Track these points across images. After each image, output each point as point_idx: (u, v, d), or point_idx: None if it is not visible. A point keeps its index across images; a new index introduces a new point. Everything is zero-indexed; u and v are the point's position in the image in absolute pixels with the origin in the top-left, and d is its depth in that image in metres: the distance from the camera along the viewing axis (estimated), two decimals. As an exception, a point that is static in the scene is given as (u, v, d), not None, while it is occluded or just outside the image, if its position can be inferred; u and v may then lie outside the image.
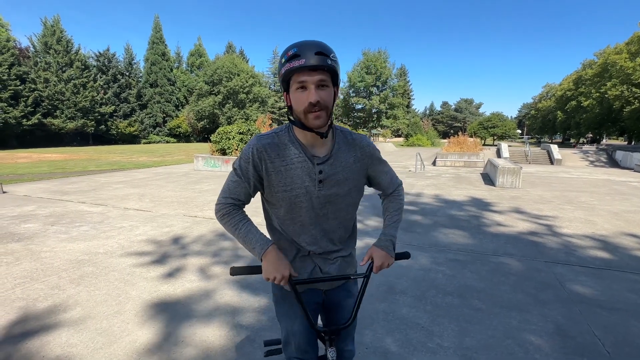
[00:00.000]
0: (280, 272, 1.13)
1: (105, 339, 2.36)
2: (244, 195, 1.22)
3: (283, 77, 1.06)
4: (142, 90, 50.66)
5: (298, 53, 1.02)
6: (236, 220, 1.20)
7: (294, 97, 1.07)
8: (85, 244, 4.32)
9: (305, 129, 1.10)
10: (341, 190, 1.22)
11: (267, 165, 1.15)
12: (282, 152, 1.16)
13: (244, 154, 1.17)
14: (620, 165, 19.86)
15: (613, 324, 2.62)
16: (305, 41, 1.05)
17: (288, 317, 1.30)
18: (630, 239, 4.72)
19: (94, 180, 10.16)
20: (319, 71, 1.03)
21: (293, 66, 1.02)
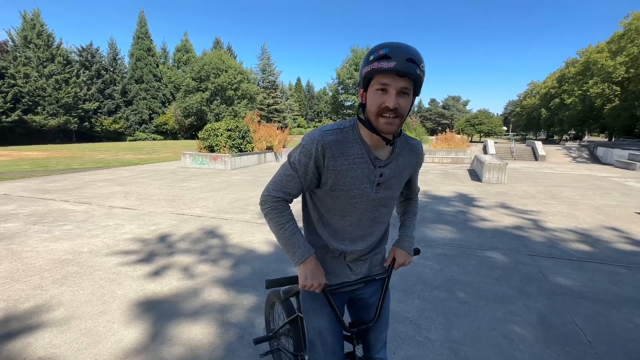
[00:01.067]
0: (318, 281, 1.15)
1: (90, 339, 2.32)
2: (296, 190, 1.17)
3: (366, 74, 1.02)
4: (127, 86, 49.59)
5: (389, 55, 0.97)
6: (284, 219, 1.17)
7: (371, 96, 1.04)
8: (68, 243, 4.22)
9: (373, 131, 1.07)
10: (393, 193, 1.23)
11: (329, 163, 1.10)
12: (346, 151, 1.11)
13: (306, 148, 1.10)
14: (601, 161, 20.42)
15: (594, 314, 2.70)
16: (399, 44, 1.00)
17: (315, 314, 1.28)
18: (611, 232, 4.87)
19: (78, 179, 9.91)
20: (405, 78, 0.99)
21: (381, 67, 0.98)
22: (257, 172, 11.71)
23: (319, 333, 1.26)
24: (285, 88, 73.42)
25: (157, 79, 51.58)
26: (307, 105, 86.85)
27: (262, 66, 65.87)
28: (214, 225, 5.07)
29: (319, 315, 1.26)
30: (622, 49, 32.35)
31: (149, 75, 50.01)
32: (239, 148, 13.54)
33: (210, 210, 6.02)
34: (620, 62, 32.23)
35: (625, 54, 31.58)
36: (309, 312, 1.29)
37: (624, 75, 32.36)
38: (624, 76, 32.46)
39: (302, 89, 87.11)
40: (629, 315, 2.69)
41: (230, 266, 3.56)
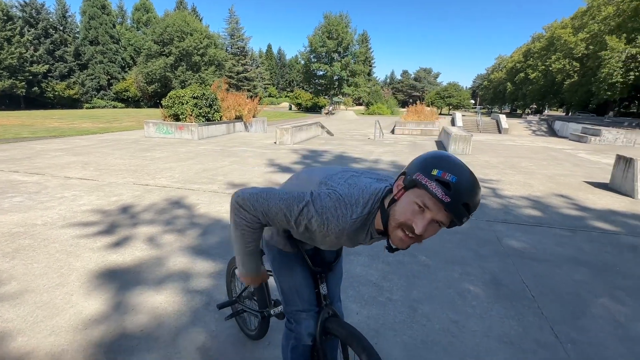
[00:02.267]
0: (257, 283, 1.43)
1: (47, 312, 2.23)
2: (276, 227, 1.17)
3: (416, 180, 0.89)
4: (80, 48, 45.45)
5: (451, 186, 0.85)
6: (253, 238, 1.17)
7: (405, 203, 0.92)
8: (19, 216, 3.96)
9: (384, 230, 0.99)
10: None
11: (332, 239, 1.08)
12: (352, 234, 1.05)
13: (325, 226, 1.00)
14: (558, 134, 21.66)
15: (540, 273, 2.94)
16: (468, 180, 0.87)
17: (288, 270, 1.36)
18: (560, 199, 5.25)
19: (28, 148, 9.18)
20: (449, 215, 0.89)
21: (434, 193, 0.86)
22: (225, 141, 11.37)
23: (294, 287, 1.36)
24: (255, 55, 70.43)
25: (114, 41, 47.61)
26: (278, 74, 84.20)
27: (230, 30, 62.36)
28: (180, 195, 4.93)
29: (291, 270, 1.36)
30: (584, 26, 33.55)
31: (104, 36, 45.98)
32: (206, 117, 13.01)
33: (176, 180, 5.83)
34: (581, 38, 33.49)
35: (586, 30, 32.80)
36: (282, 269, 1.37)
37: (584, 51, 33.79)
38: (584, 52, 33.91)
39: (273, 57, 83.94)
40: (569, 272, 2.96)
41: (197, 236, 3.51)
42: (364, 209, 1.01)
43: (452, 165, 0.88)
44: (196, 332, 2.08)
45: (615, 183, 6.06)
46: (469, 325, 2.21)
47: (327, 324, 1.30)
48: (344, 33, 48.30)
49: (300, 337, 1.35)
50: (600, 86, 30.18)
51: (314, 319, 1.36)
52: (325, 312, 1.33)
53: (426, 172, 0.88)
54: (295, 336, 1.36)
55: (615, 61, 28.33)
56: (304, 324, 1.35)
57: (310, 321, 1.35)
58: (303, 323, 1.35)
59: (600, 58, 29.66)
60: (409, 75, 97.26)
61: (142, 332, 2.06)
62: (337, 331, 1.25)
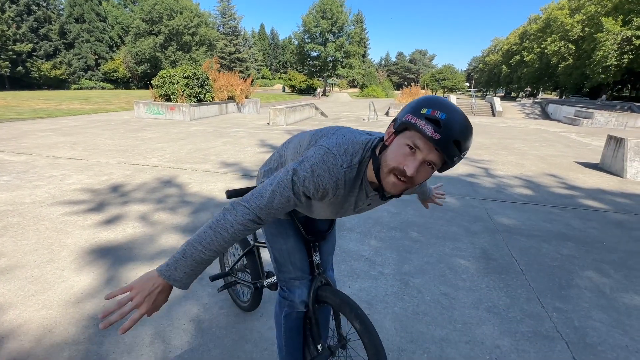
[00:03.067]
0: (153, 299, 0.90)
1: (38, 286, 2.22)
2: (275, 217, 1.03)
3: (406, 122, 0.87)
4: (65, 26, 43.81)
5: (441, 124, 0.82)
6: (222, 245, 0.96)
7: (396, 147, 0.90)
8: (7, 194, 3.89)
9: (377, 178, 0.96)
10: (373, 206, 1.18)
11: (330, 197, 1.01)
12: (351, 185, 1.01)
13: (322, 184, 0.95)
14: (551, 117, 21.75)
15: (528, 248, 3.00)
16: (458, 116, 0.84)
17: (281, 237, 1.34)
18: (550, 179, 5.31)
19: (15, 128, 8.95)
20: (441, 154, 0.86)
21: (424, 131, 0.83)
22: (218, 122, 11.21)
23: (287, 253, 1.34)
24: (247, 35, 68.65)
25: (101, 19, 45.97)
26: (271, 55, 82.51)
27: (222, 9, 60.51)
28: (172, 174, 4.87)
29: (285, 237, 1.34)
30: (581, 7, 33.17)
31: (90, 14, 44.33)
32: (197, 97, 12.75)
33: (167, 160, 5.75)
34: (577, 20, 33.19)
35: (583, 12, 32.47)
36: (275, 236, 1.35)
37: (580, 33, 33.54)
38: (580, 35, 33.66)
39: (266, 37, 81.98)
40: (557, 247, 3.02)
41: (189, 214, 3.49)
42: (353, 157, 0.98)
43: (442, 104, 0.85)
44: (189, 304, 2.10)
45: (605, 163, 6.14)
46: (458, 297, 2.26)
47: (319, 292, 1.31)
48: (338, 12, 47.18)
49: (294, 304, 1.36)
50: (594, 69, 30.13)
51: (307, 286, 1.36)
52: (317, 281, 1.33)
53: (416, 112, 0.86)
54: (289, 304, 1.37)
55: (611, 44, 28.20)
56: (297, 292, 1.35)
57: (303, 289, 1.36)
58: (296, 291, 1.35)
59: (595, 40, 29.49)
60: (404, 57, 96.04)
61: (135, 305, 2.06)
62: (330, 299, 1.25)
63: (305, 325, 1.40)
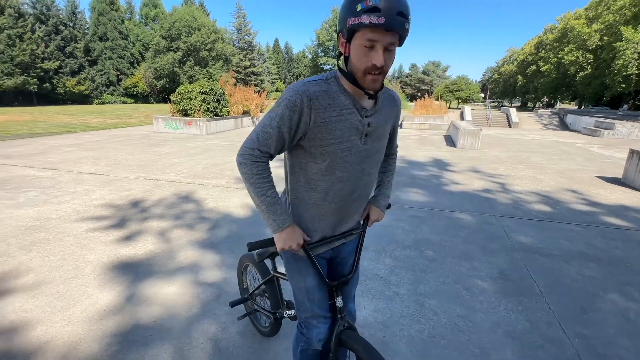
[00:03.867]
0: (295, 242, 1.13)
1: (63, 302, 2.31)
2: (276, 149, 1.10)
3: (352, 26, 0.93)
4: (90, 44, 45.88)
5: (379, 7, 0.89)
6: (266, 185, 1.10)
7: (356, 51, 0.97)
8: (35, 210, 4.06)
9: (358, 86, 1.03)
10: (379, 144, 1.20)
11: (317, 116, 1.04)
12: (333, 102, 1.06)
13: (290, 102, 1.02)
14: (570, 128, 21.24)
15: (548, 268, 2.93)
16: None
17: (300, 274, 1.30)
18: (570, 194, 5.18)
19: (42, 143, 9.37)
20: (393, 33, 0.93)
21: (371, 22, 0.89)
22: (233, 137, 11.44)
23: (306, 292, 1.30)
24: (262, 50, 70.18)
25: (123, 37, 47.94)
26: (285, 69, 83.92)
27: (238, 25, 62.22)
28: (189, 190, 5.00)
29: (304, 275, 1.29)
30: (599, 16, 32.68)
31: (113, 32, 46.34)
32: (214, 112, 13.08)
33: (185, 175, 5.90)
34: (595, 29, 32.66)
35: (601, 21, 31.97)
36: (294, 274, 1.31)
37: (598, 42, 32.96)
38: (598, 44, 33.07)
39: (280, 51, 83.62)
40: (578, 267, 2.94)
41: (206, 230, 3.57)
42: (316, 78, 1.08)
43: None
44: (207, 323, 2.14)
45: (628, 177, 5.95)
46: (476, 320, 2.23)
47: (342, 336, 1.27)
48: (351, 26, 47.86)
49: (311, 342, 1.34)
50: (614, 78, 29.42)
51: (326, 325, 1.33)
52: (340, 325, 1.29)
53: (352, 12, 0.92)
54: (306, 340, 1.35)
55: (631, 52, 27.55)
56: (315, 331, 1.32)
57: (321, 327, 1.32)
58: (314, 330, 1.32)
59: (614, 49, 28.87)
60: (417, 68, 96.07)
61: (155, 323, 2.12)
62: (353, 346, 1.22)
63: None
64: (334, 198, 1.19)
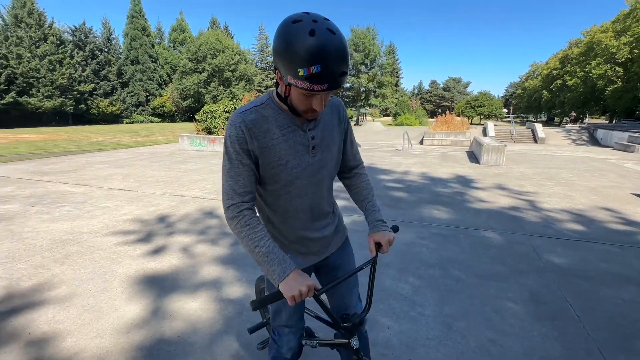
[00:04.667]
0: (304, 284, 1.00)
1: (93, 315, 2.38)
2: (251, 184, 1.09)
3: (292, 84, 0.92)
4: (122, 67, 48.76)
5: (321, 73, 0.86)
6: (258, 235, 1.05)
7: (296, 97, 0.99)
8: (68, 224, 4.26)
9: (297, 115, 1.06)
10: (331, 153, 1.20)
11: (259, 143, 1.06)
12: (271, 127, 1.07)
13: (234, 136, 1.05)
14: (601, 143, 20.39)
15: (584, 291, 2.76)
16: (331, 56, 0.86)
17: None
18: (605, 212, 4.92)
19: (75, 161, 9.89)
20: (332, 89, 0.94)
21: (313, 89, 0.90)
22: (255, 154, 11.66)
23: (284, 303, 1.35)
24: (283, 69, 72.06)
25: (152, 60, 50.68)
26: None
27: (260, 47, 64.54)
28: (213, 206, 5.10)
29: None
30: (627, 29, 31.75)
31: (144, 56, 49.10)
32: (237, 130, 13.44)
33: (208, 191, 6.04)
34: (624, 42, 31.70)
35: (630, 33, 31.03)
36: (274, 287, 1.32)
37: (628, 55, 31.90)
38: (628, 57, 32.00)
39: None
40: (617, 291, 2.76)
41: (228, 245, 3.61)
42: (250, 106, 1.09)
43: (311, 55, 0.84)
44: (230, 339, 2.14)
45: (668, 196, 5.60)
46: (507, 345, 2.11)
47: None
48: (370, 45, 48.54)
49: (281, 350, 1.40)
50: (647, 92, 28.22)
51: (296, 335, 1.41)
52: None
53: (294, 73, 0.89)
54: (277, 347, 1.42)
55: (664, 65, 26.45)
56: (285, 338, 1.40)
57: (291, 336, 1.40)
58: (284, 337, 1.40)
59: (646, 62, 27.83)
60: (437, 85, 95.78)
61: (179, 338, 2.14)
62: None
63: None
64: (296, 214, 1.21)
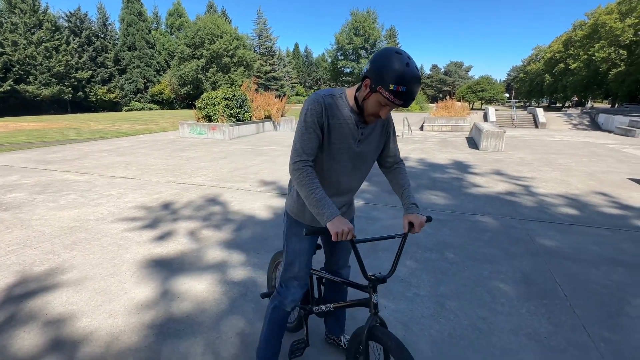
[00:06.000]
0: (346, 226, 1.24)
1: (104, 297, 2.50)
2: (315, 149, 1.35)
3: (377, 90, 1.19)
4: (119, 53, 48.08)
5: (405, 93, 1.16)
6: (315, 184, 1.31)
7: (372, 102, 1.25)
8: (75, 212, 4.37)
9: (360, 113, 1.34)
10: (370, 148, 1.47)
11: (330, 121, 1.33)
12: (340, 112, 1.34)
13: (313, 109, 1.30)
14: (602, 128, 20.33)
15: (574, 273, 2.88)
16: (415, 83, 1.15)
17: (298, 237, 1.53)
18: (600, 197, 5.02)
19: (77, 149, 9.95)
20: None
21: (394, 102, 1.19)
22: (255, 141, 11.72)
23: (299, 254, 1.54)
24: (282, 54, 71.19)
25: (150, 46, 49.93)
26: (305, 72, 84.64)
27: (259, 31, 63.51)
28: (215, 193, 5.20)
29: (302, 240, 1.54)
30: (633, 10, 31.13)
31: (141, 42, 48.36)
32: (236, 117, 13.44)
33: (210, 179, 6.14)
34: (629, 24, 31.15)
35: (635, 15, 30.46)
36: (292, 237, 1.54)
37: (632, 38, 31.39)
38: (632, 39, 31.49)
39: (300, 56, 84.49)
40: (607, 273, 2.88)
41: (232, 231, 3.73)
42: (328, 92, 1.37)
43: (403, 78, 1.14)
44: (235, 319, 2.26)
45: (663, 180, 5.68)
46: (497, 322, 2.24)
47: (374, 331, 1.36)
48: (371, 29, 47.80)
49: (284, 301, 1.55)
50: (650, 75, 27.89)
51: (302, 290, 1.57)
52: (373, 320, 1.38)
53: (385, 84, 1.16)
54: (280, 299, 1.56)
55: (669, 47, 26.06)
56: (292, 291, 1.55)
57: (298, 290, 1.56)
58: (292, 289, 1.54)
59: (650, 45, 27.41)
60: (438, 69, 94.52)
61: (188, 318, 2.27)
62: (384, 341, 1.30)
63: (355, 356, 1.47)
64: (330, 188, 1.45)
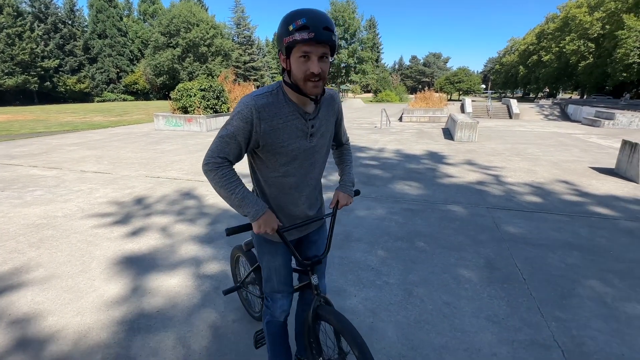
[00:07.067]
0: (270, 226, 1.28)
1: (72, 295, 2.46)
2: (234, 156, 1.26)
3: (288, 44, 1.10)
4: (89, 42, 45.87)
5: (308, 25, 1.06)
6: (233, 184, 1.25)
7: (295, 64, 1.13)
8: (41, 208, 4.22)
9: (301, 93, 1.19)
10: (324, 140, 1.39)
11: (265, 125, 1.21)
12: (279, 111, 1.23)
13: (242, 114, 1.19)
14: (571, 118, 21.20)
15: (533, 257, 3.06)
16: (314, 13, 1.09)
17: (270, 255, 1.49)
18: (563, 185, 5.29)
19: (45, 143, 9.52)
20: (323, 44, 1.10)
21: (302, 38, 1.07)
22: (233, 133, 11.54)
23: (275, 270, 1.51)
24: (262, 44, 69.95)
25: (122, 34, 47.86)
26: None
27: (236, 20, 61.95)
28: (190, 187, 5.14)
29: (274, 256, 1.49)
30: (601, 4, 32.30)
31: (112, 29, 46.26)
32: (214, 109, 13.18)
33: (186, 172, 6.04)
34: (597, 17, 32.33)
35: (603, 9, 31.63)
36: (265, 255, 1.51)
37: (600, 31, 32.65)
38: (600, 32, 32.76)
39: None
40: (562, 256, 3.07)
41: (206, 225, 3.71)
42: (263, 91, 1.25)
43: (298, 13, 1.09)
44: (207, 312, 2.28)
45: (620, 168, 6.04)
46: (460, 306, 2.36)
47: (319, 311, 1.40)
48: (350, 19, 47.52)
49: (275, 314, 1.56)
50: (616, 67, 29.22)
51: (288, 299, 1.56)
52: (317, 300, 1.43)
53: (287, 32, 1.09)
54: (271, 313, 1.57)
55: (633, 41, 27.32)
56: (279, 303, 1.55)
57: (284, 301, 1.55)
58: (277, 302, 1.55)
59: (616, 38, 28.63)
60: (417, 60, 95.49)
61: (159, 313, 2.27)
62: (332, 321, 1.34)
63: (308, 340, 1.51)
64: (290, 190, 1.38)
